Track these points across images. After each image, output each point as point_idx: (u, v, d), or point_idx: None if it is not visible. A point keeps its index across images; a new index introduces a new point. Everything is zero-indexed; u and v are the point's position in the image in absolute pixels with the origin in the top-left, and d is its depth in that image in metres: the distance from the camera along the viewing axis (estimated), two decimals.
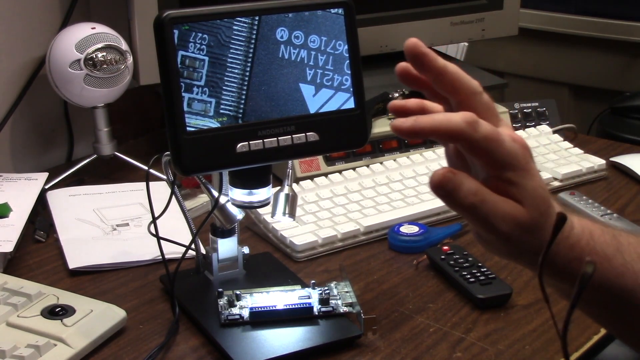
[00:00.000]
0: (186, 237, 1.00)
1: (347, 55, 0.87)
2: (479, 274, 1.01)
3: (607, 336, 0.94)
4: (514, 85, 2.02)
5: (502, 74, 2.15)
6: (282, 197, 0.94)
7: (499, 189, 0.66)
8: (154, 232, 0.97)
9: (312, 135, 0.86)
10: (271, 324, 0.92)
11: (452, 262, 1.04)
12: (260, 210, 1.12)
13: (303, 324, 0.92)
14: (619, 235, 0.72)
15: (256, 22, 0.84)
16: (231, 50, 0.83)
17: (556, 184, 1.28)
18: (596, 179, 1.31)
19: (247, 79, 0.84)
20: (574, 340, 0.92)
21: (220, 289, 0.95)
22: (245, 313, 0.92)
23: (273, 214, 0.95)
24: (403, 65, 0.69)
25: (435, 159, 1.30)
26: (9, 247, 1.05)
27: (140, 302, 1.00)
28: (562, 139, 1.39)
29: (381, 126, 1.33)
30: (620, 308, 0.72)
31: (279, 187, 0.95)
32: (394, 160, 1.28)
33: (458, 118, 0.65)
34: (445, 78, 0.68)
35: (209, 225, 0.99)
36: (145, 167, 1.06)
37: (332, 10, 0.86)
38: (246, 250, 1.02)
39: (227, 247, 1.00)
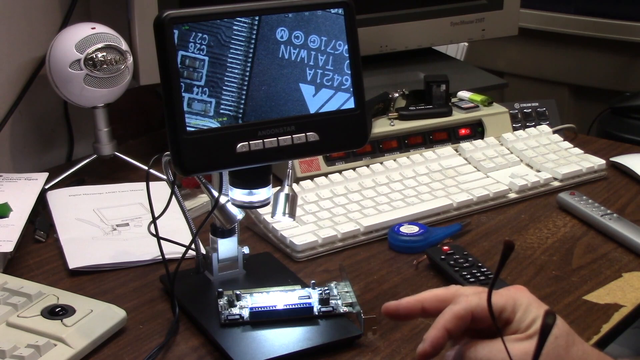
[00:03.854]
0: (186, 237, 1.00)
1: (347, 55, 0.87)
2: (479, 274, 1.01)
3: (607, 336, 0.94)
4: (514, 85, 2.01)
5: (502, 74, 2.16)
6: (282, 197, 0.94)
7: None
8: (154, 232, 0.97)
9: (312, 135, 0.86)
10: (271, 324, 0.92)
11: (452, 262, 1.04)
12: (260, 210, 1.12)
13: (303, 324, 0.92)
14: None
15: (256, 22, 0.84)
16: (231, 50, 0.83)
17: (556, 184, 1.28)
18: (596, 179, 1.31)
19: (247, 79, 0.84)
20: None
21: (220, 289, 0.95)
22: (245, 313, 0.92)
23: (273, 214, 0.95)
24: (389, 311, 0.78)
25: (435, 159, 1.30)
26: (9, 247, 1.05)
27: (140, 302, 1.00)
28: (562, 139, 1.39)
29: (381, 126, 1.33)
30: None
31: (279, 187, 0.95)
32: (394, 160, 1.28)
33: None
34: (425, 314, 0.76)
35: (209, 225, 0.99)
36: (145, 167, 1.06)
37: (332, 10, 0.86)
38: (246, 250, 1.02)
39: (227, 247, 1.00)
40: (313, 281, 0.97)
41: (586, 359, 0.71)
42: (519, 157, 1.34)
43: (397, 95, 1.37)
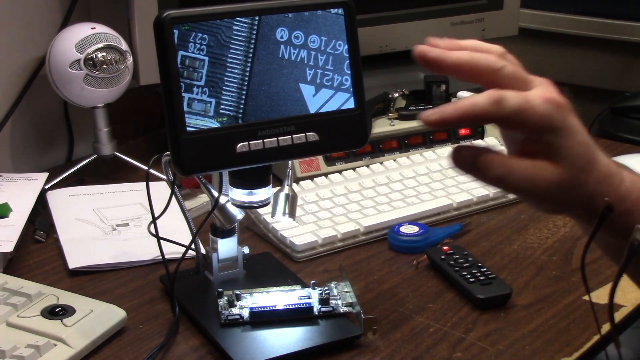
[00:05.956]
0: (186, 237, 1.00)
1: (347, 55, 0.87)
2: (479, 274, 1.01)
3: (607, 336, 0.94)
4: None
5: None
6: (282, 197, 0.94)
7: (538, 151, 0.66)
8: (154, 232, 0.97)
9: (312, 135, 0.86)
10: (271, 324, 0.92)
11: (452, 262, 1.04)
12: (260, 210, 1.12)
13: (303, 324, 0.92)
14: None
15: (256, 22, 0.84)
16: (231, 50, 0.83)
17: None
18: None
19: (247, 79, 0.84)
20: (574, 340, 0.92)
21: (220, 289, 0.95)
22: (245, 313, 0.92)
23: (273, 214, 0.95)
24: (420, 52, 0.70)
25: (435, 159, 1.30)
26: (9, 247, 1.05)
27: (140, 302, 1.00)
28: None
29: (381, 126, 1.33)
30: None
31: (279, 187, 0.95)
32: (394, 160, 1.28)
33: (482, 101, 0.64)
34: (462, 71, 0.68)
35: (209, 225, 0.99)
36: (145, 167, 1.06)
37: (332, 10, 0.86)
38: (246, 250, 1.02)
39: (227, 247, 1.00)
40: (313, 281, 0.97)
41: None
42: None
43: (397, 95, 1.37)
